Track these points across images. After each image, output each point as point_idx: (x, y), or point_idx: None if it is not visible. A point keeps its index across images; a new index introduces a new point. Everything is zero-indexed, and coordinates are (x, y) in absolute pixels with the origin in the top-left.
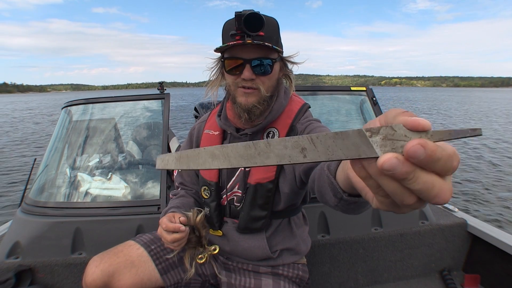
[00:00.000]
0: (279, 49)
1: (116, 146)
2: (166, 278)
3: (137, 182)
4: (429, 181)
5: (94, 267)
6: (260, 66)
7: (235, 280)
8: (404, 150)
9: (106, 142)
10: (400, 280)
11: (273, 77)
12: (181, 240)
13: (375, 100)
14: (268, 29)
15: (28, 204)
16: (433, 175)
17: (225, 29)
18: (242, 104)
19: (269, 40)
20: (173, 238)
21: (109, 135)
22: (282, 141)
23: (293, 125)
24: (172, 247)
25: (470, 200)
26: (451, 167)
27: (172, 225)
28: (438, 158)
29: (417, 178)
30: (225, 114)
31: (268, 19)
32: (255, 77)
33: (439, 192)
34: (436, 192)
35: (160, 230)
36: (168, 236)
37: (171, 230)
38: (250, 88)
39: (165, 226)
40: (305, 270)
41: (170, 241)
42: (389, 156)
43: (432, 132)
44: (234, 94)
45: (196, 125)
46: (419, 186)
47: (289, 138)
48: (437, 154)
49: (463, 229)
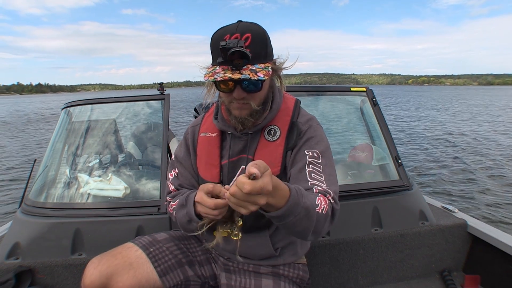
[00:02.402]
0: (268, 63)
1: (116, 147)
2: (165, 280)
3: (137, 182)
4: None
5: (92, 269)
6: (250, 85)
7: (235, 281)
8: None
9: (106, 142)
10: (400, 281)
11: (263, 91)
12: (223, 209)
13: (375, 100)
14: (255, 48)
15: (28, 205)
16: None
17: (213, 46)
18: (236, 117)
19: (257, 59)
20: (216, 203)
21: (109, 135)
22: None
23: (292, 121)
24: (212, 215)
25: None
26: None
27: (219, 188)
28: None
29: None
30: (222, 116)
31: (254, 35)
32: (246, 94)
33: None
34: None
35: (200, 195)
36: (211, 200)
37: (216, 193)
38: (243, 103)
39: (211, 186)
40: (305, 270)
41: (213, 206)
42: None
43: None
44: (229, 107)
45: (189, 128)
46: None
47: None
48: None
49: (463, 229)
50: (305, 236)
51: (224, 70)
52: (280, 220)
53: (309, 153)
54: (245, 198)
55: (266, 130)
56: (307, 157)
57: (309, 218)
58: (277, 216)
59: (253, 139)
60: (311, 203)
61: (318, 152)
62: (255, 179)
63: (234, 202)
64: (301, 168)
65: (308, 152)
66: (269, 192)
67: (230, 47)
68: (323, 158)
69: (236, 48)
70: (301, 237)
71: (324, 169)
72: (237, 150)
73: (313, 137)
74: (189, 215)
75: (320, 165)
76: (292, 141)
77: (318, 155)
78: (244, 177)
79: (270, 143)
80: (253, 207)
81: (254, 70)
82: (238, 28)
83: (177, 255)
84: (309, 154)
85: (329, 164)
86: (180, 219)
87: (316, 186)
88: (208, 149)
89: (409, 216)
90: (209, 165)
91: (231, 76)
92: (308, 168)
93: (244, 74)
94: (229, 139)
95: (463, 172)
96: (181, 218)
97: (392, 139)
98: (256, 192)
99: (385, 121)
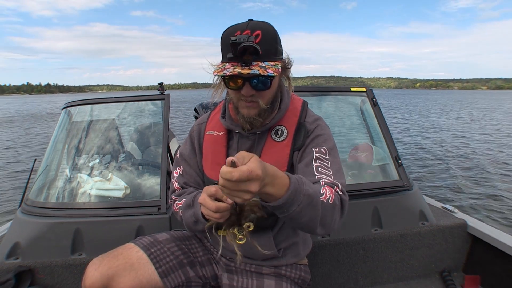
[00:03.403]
0: (278, 62)
1: (116, 147)
2: (167, 281)
3: (137, 183)
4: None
5: (93, 270)
6: (259, 83)
7: (237, 282)
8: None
9: (106, 142)
10: (400, 281)
11: (272, 90)
12: (225, 212)
13: (375, 101)
14: (265, 45)
15: (28, 204)
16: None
17: (224, 43)
18: (244, 116)
19: (267, 56)
20: (217, 206)
21: (109, 135)
22: None
23: (300, 122)
24: (214, 218)
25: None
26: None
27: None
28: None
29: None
30: (229, 115)
31: (264, 33)
32: (255, 92)
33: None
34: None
35: (203, 196)
36: (213, 203)
37: (219, 197)
38: (251, 101)
39: (214, 190)
40: (307, 271)
41: (214, 209)
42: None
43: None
44: (237, 105)
45: (195, 126)
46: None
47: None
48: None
49: (463, 230)
50: (313, 228)
51: (233, 66)
52: (283, 211)
53: (316, 149)
54: (235, 187)
55: (274, 130)
56: (314, 153)
57: (313, 206)
58: (279, 206)
59: (260, 139)
60: (315, 191)
61: (326, 149)
62: (235, 166)
63: (226, 192)
64: (308, 163)
65: (315, 149)
66: (258, 176)
67: (241, 41)
68: (330, 155)
69: (247, 43)
70: (309, 230)
71: (331, 165)
72: (244, 149)
73: (321, 135)
74: (196, 215)
75: (327, 161)
76: (299, 141)
77: (326, 151)
78: (226, 167)
79: (277, 143)
80: (246, 195)
81: (264, 66)
82: (248, 26)
83: (178, 256)
84: (316, 150)
85: (336, 161)
86: (186, 219)
87: (323, 179)
88: (214, 148)
89: (409, 216)
90: (215, 164)
91: (240, 71)
92: (315, 163)
93: (254, 70)
94: (236, 139)
95: (463, 172)
96: (188, 218)
97: (392, 139)
98: (245, 177)
99: (385, 121)
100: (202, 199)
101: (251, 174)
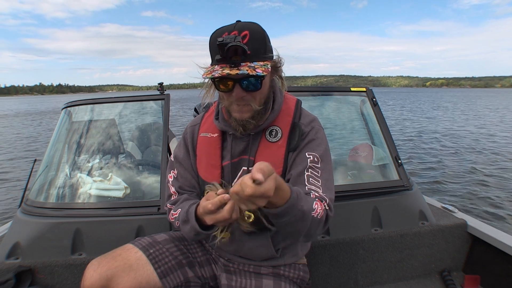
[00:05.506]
0: (268, 61)
1: (116, 147)
2: (166, 281)
3: (137, 183)
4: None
5: (92, 271)
6: (250, 84)
7: (236, 282)
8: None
9: (106, 142)
10: (400, 281)
11: (264, 90)
12: (234, 208)
13: (375, 100)
14: (253, 45)
15: (28, 204)
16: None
17: (212, 45)
18: (237, 119)
19: (256, 56)
20: (227, 210)
21: (109, 135)
22: None
23: (294, 122)
24: (229, 220)
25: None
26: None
27: (218, 199)
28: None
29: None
30: (223, 116)
31: (252, 33)
32: (246, 94)
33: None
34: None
35: (207, 218)
36: (223, 212)
37: (219, 205)
38: (243, 105)
39: (211, 205)
40: (305, 271)
41: (228, 214)
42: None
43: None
44: (229, 108)
45: (187, 128)
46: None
47: None
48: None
49: (463, 230)
50: (296, 237)
51: (222, 68)
52: (275, 218)
53: (310, 156)
54: (246, 198)
55: (268, 130)
56: (308, 161)
57: (304, 220)
58: (273, 213)
59: (254, 140)
60: (308, 208)
61: (318, 156)
62: (259, 185)
63: (236, 199)
64: (301, 172)
65: (309, 156)
66: (270, 196)
67: (228, 42)
68: (322, 162)
69: (234, 43)
70: (292, 238)
71: (322, 174)
72: (238, 151)
73: (315, 140)
74: (194, 229)
75: (318, 170)
76: (294, 142)
77: (318, 159)
78: (249, 179)
79: (271, 144)
80: (252, 206)
81: (253, 66)
82: (236, 27)
83: (177, 256)
84: (309, 157)
85: (327, 168)
86: (186, 234)
87: (313, 192)
88: (208, 150)
89: (409, 216)
90: (210, 166)
91: (229, 72)
92: (307, 173)
93: (242, 70)
94: (230, 140)
95: (463, 172)
96: (188, 233)
97: (392, 139)
98: (259, 195)
99: (385, 121)
100: (209, 219)
101: (265, 194)
